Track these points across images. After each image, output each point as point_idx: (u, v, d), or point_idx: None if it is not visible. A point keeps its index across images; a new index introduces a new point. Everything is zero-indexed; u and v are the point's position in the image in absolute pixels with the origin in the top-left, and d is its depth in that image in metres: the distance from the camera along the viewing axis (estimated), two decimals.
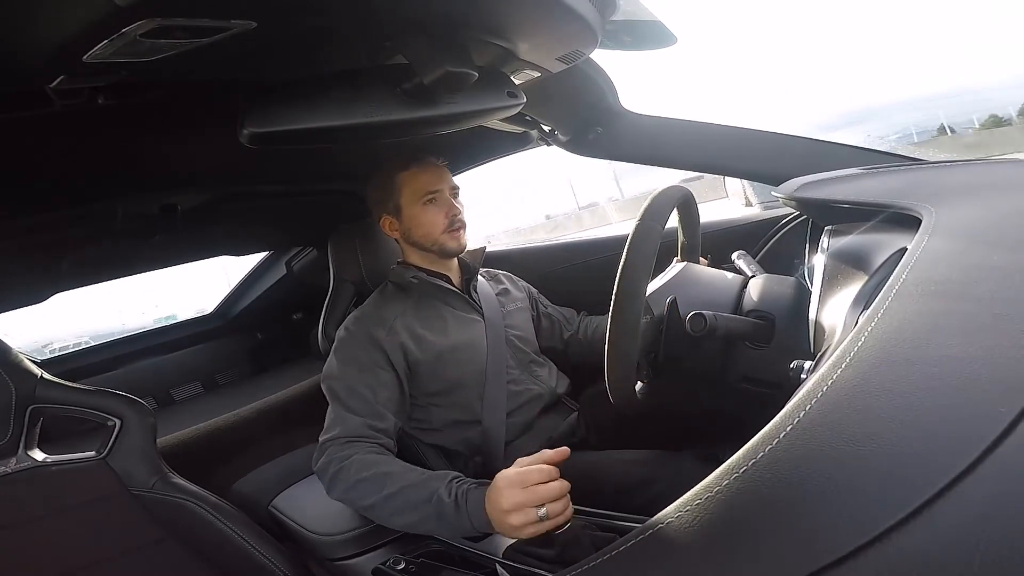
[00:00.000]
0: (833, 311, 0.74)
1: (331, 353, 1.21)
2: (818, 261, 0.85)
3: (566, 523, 0.80)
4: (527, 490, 0.80)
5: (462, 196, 1.31)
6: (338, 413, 1.10)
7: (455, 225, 1.25)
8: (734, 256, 1.15)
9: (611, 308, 0.79)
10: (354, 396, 1.11)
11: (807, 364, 0.72)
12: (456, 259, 1.34)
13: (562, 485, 0.81)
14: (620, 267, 0.79)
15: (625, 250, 0.79)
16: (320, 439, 1.09)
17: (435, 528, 0.91)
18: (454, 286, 1.30)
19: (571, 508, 0.82)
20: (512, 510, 0.80)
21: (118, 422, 0.91)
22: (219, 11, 0.51)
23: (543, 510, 0.79)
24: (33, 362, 0.89)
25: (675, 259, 1.16)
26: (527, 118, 1.34)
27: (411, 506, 0.92)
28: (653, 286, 0.97)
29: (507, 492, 0.81)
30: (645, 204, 0.84)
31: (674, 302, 0.89)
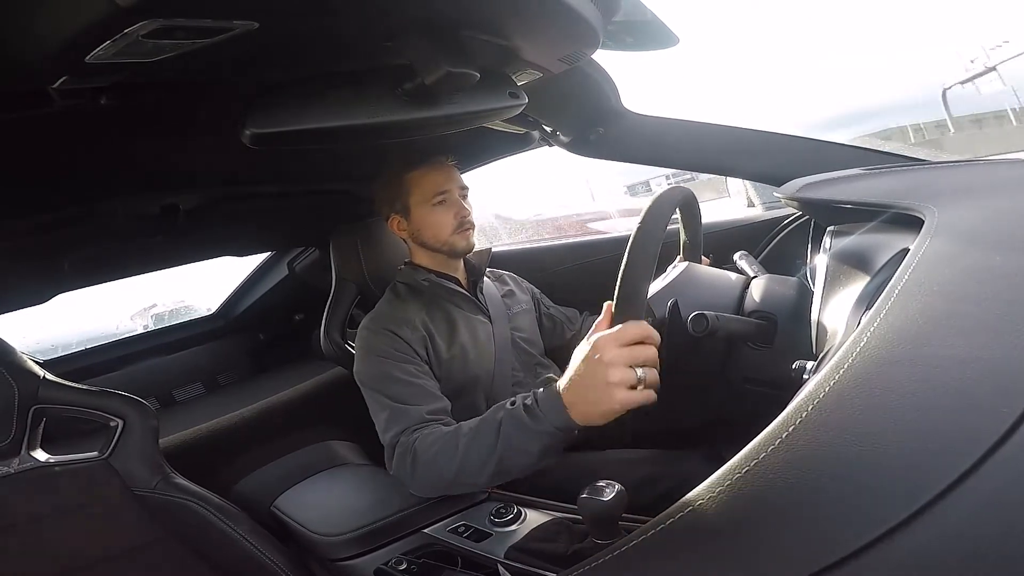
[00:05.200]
0: (835, 312, 0.74)
1: (359, 357, 1.17)
2: (820, 262, 0.85)
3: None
4: (627, 348, 0.73)
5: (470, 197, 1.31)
6: (393, 409, 1.05)
7: (465, 226, 1.25)
8: (736, 256, 1.15)
9: (612, 307, 0.79)
10: (399, 386, 1.08)
11: (809, 364, 0.72)
12: (462, 260, 1.34)
13: (656, 351, 0.74)
14: (621, 270, 0.79)
15: (626, 253, 0.79)
16: (384, 440, 1.05)
17: (521, 454, 0.86)
18: (462, 287, 1.30)
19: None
20: (614, 363, 0.72)
21: (120, 422, 0.91)
22: (221, 12, 0.51)
23: (641, 371, 0.72)
24: (36, 362, 0.89)
25: (677, 258, 1.16)
26: (529, 118, 1.34)
27: (487, 447, 0.89)
28: (655, 287, 0.97)
29: (607, 348, 0.73)
30: (646, 206, 0.84)
31: (676, 305, 0.89)
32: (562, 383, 0.81)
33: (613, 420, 0.75)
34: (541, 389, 0.86)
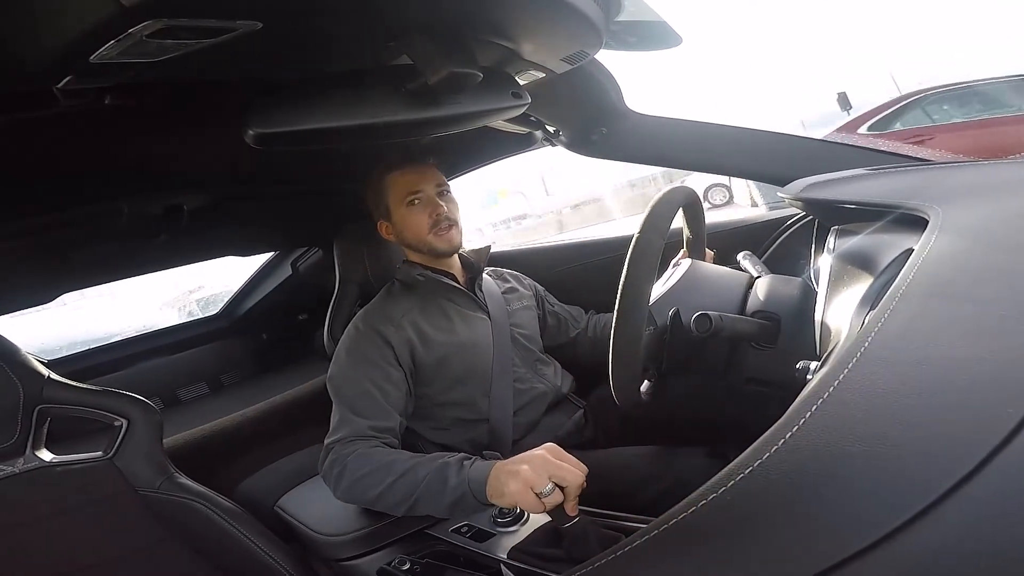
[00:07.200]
0: (839, 312, 0.74)
1: (338, 351, 1.20)
2: (824, 262, 0.85)
3: (561, 515, 0.80)
4: (555, 462, 0.80)
5: (457, 194, 1.31)
6: (343, 415, 1.10)
7: (440, 225, 1.23)
8: (739, 256, 1.14)
9: (614, 320, 0.79)
10: (361, 396, 1.11)
11: (813, 365, 0.71)
12: (459, 258, 1.34)
13: (580, 482, 0.80)
14: (622, 279, 0.79)
15: (627, 262, 0.79)
16: (325, 442, 1.09)
17: (435, 501, 0.92)
18: (459, 284, 1.30)
19: (576, 509, 0.81)
20: (530, 464, 0.80)
21: (125, 422, 0.91)
22: (225, 12, 0.51)
23: (549, 487, 0.78)
24: (40, 362, 0.90)
25: (681, 253, 1.16)
26: (531, 118, 1.34)
27: (411, 486, 0.94)
28: (658, 287, 0.97)
29: (539, 453, 0.82)
30: (647, 211, 0.83)
31: (677, 313, 0.88)
32: (503, 462, 0.88)
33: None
34: (482, 455, 0.96)
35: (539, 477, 0.79)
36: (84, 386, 0.91)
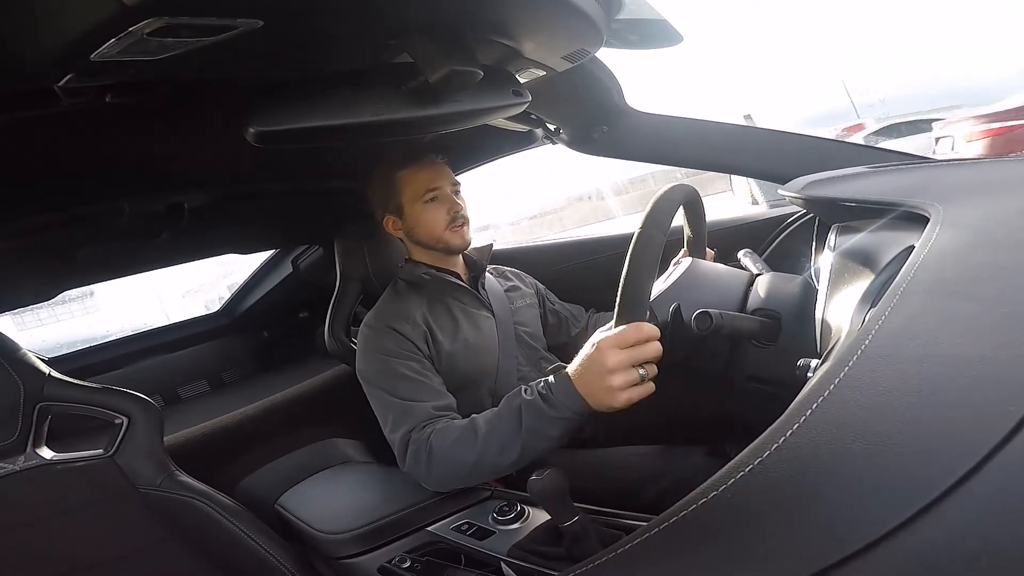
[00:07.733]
0: (840, 309, 0.74)
1: (361, 355, 1.18)
2: (825, 259, 0.85)
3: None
4: (627, 350, 0.78)
5: (464, 192, 1.31)
6: (400, 407, 1.06)
7: (457, 222, 1.24)
8: (740, 255, 1.14)
9: (615, 318, 0.79)
10: (405, 383, 1.09)
11: (813, 363, 0.71)
12: (462, 256, 1.34)
13: (658, 346, 0.79)
14: (623, 276, 0.78)
15: (628, 258, 0.79)
16: (392, 438, 1.06)
17: (541, 439, 0.90)
18: (463, 282, 1.30)
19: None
20: (616, 369, 0.78)
21: (125, 420, 0.91)
22: (225, 10, 0.51)
23: (643, 370, 0.78)
24: (41, 360, 0.90)
25: (681, 252, 1.16)
26: (532, 116, 1.34)
27: (508, 433, 0.92)
28: (659, 286, 0.97)
29: (609, 352, 0.79)
30: (647, 209, 0.83)
31: (678, 309, 0.88)
32: (571, 371, 0.86)
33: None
34: (552, 377, 0.89)
35: (630, 374, 0.78)
36: (85, 384, 0.91)
